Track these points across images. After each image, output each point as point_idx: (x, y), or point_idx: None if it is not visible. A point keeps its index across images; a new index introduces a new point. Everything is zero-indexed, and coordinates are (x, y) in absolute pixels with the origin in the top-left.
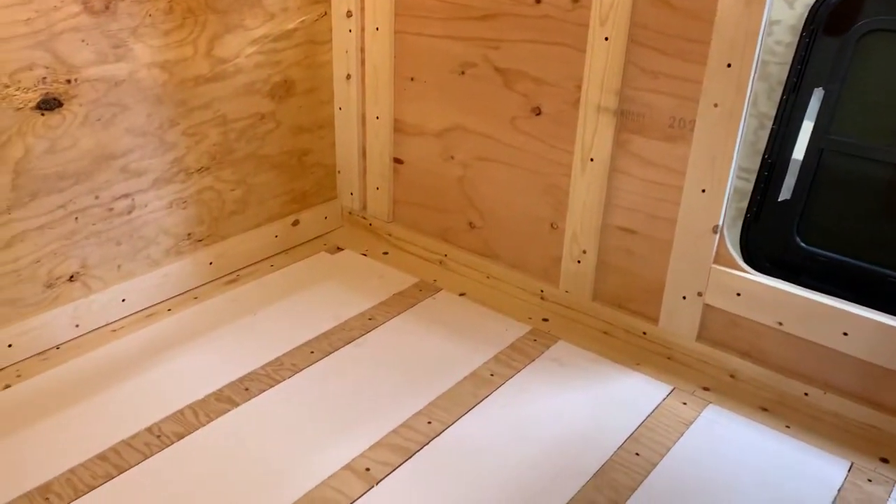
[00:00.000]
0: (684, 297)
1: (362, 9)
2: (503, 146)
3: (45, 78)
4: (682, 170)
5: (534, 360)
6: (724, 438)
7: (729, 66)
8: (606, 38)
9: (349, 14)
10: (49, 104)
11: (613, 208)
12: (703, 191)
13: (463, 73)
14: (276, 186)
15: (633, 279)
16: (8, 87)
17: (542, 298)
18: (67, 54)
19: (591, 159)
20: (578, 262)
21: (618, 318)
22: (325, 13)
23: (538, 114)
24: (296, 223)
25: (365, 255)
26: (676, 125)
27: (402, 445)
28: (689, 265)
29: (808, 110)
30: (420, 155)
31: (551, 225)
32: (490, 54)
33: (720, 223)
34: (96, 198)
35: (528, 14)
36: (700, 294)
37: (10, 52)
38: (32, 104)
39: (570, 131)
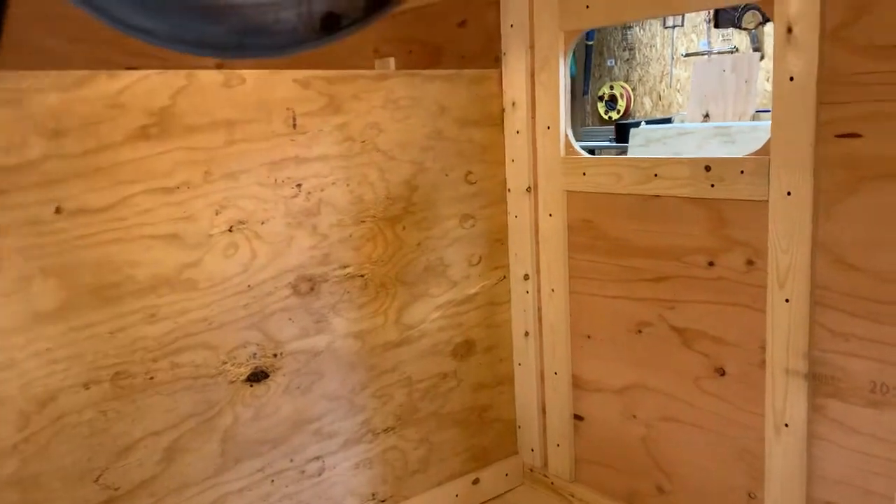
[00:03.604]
0: None
1: (538, 272)
2: (688, 406)
3: (255, 353)
4: (894, 440)
5: None
6: None
7: None
8: (787, 300)
9: (526, 277)
10: (257, 376)
11: (818, 479)
12: None
13: (640, 331)
14: (458, 443)
15: None
16: (225, 363)
17: None
18: (276, 331)
19: (786, 424)
20: None
21: None
22: (504, 277)
23: (722, 374)
24: (476, 481)
25: None
26: (879, 390)
27: None
28: None
29: None
30: (601, 412)
31: (749, 495)
32: (666, 314)
33: None
34: (291, 461)
35: (702, 276)
36: None
37: (229, 334)
38: (243, 377)
39: (759, 393)
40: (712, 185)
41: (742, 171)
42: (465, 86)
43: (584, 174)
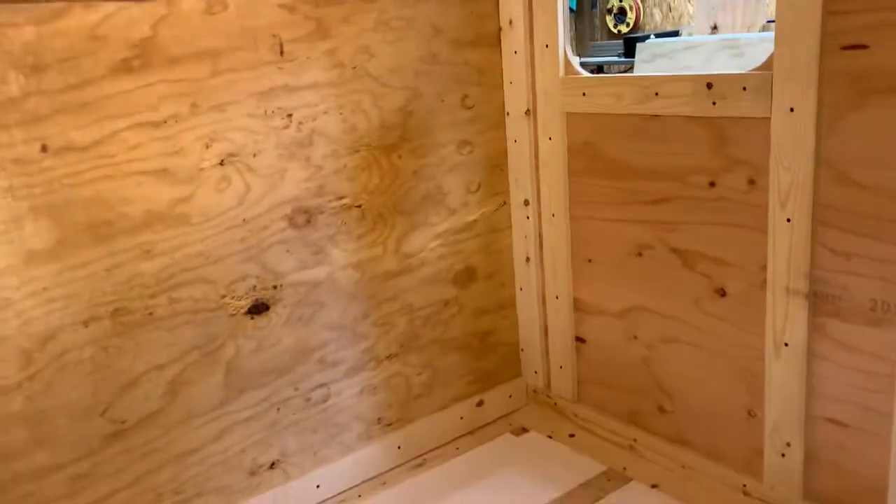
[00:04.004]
0: None
1: (538, 197)
2: (689, 327)
3: (255, 286)
4: (894, 358)
5: None
6: None
7: None
8: (788, 220)
9: (526, 202)
10: (258, 308)
11: (818, 397)
12: None
13: (640, 254)
14: (461, 368)
15: (850, 478)
16: (224, 296)
17: (744, 493)
18: (274, 264)
19: (786, 344)
20: (783, 455)
21: None
22: (504, 203)
23: (723, 295)
24: (480, 403)
25: (550, 437)
26: (879, 308)
27: None
28: None
29: None
30: (602, 334)
31: (748, 412)
32: (666, 236)
33: None
34: (296, 389)
35: (703, 196)
36: None
37: (227, 268)
38: (244, 310)
39: (759, 313)
40: (714, 103)
41: (744, 88)
42: (460, 4)
43: (584, 94)
